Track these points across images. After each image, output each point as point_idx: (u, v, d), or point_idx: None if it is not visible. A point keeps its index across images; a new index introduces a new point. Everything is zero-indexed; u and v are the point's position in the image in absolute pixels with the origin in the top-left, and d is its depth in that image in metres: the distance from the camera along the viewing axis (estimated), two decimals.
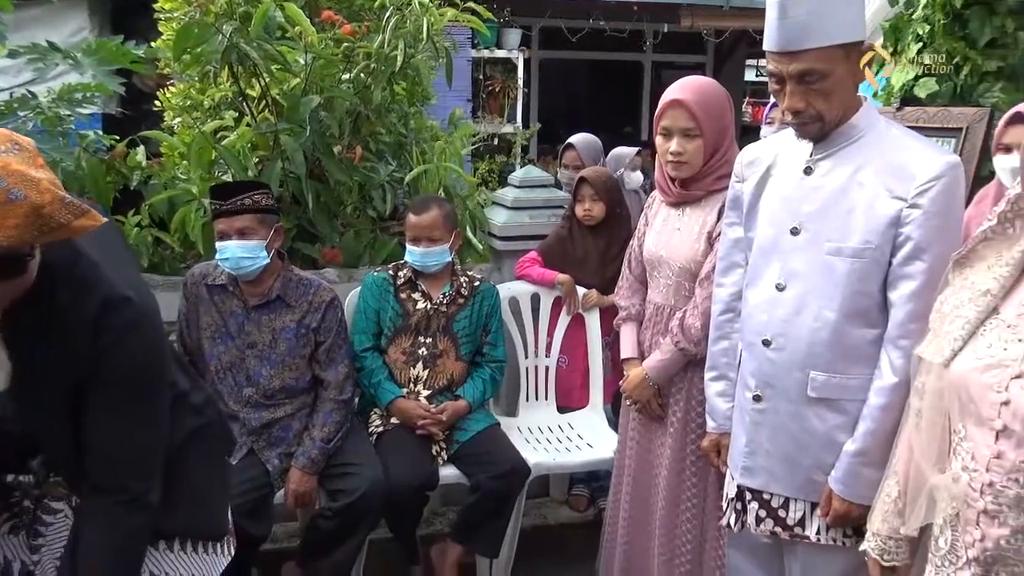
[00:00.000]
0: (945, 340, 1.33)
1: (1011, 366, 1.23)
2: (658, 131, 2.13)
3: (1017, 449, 1.21)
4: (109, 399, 1.26)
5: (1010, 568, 1.24)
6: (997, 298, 1.29)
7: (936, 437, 1.37)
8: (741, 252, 1.90)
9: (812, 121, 1.63)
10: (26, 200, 1.02)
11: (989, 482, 1.24)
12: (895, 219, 1.58)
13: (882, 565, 1.48)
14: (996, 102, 2.53)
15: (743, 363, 1.85)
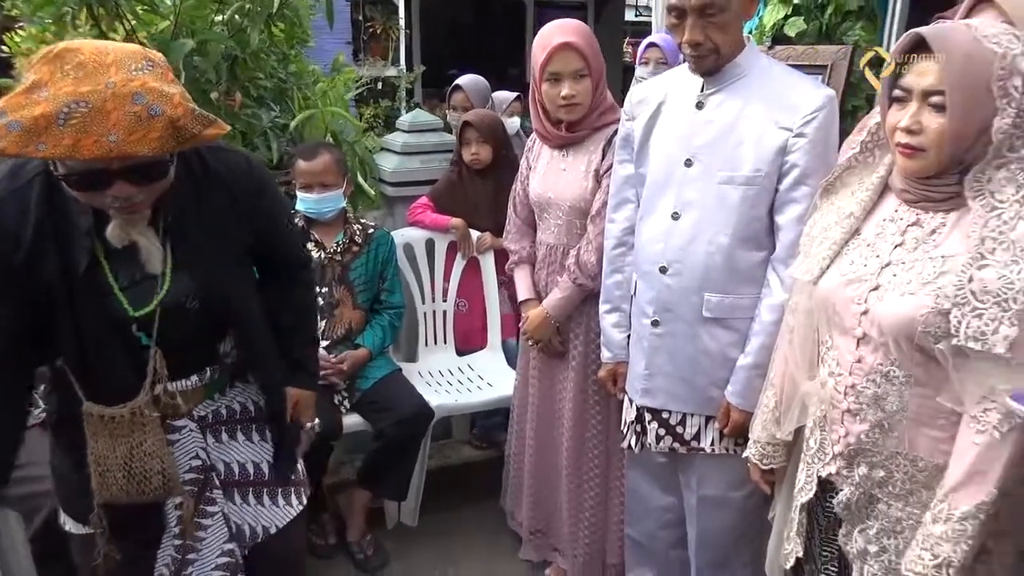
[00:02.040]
0: (814, 260, 1.45)
1: (869, 280, 1.37)
2: (543, 77, 2.12)
3: (874, 353, 1.36)
4: (276, 210, 1.60)
5: (868, 458, 1.40)
6: (859, 220, 1.42)
7: (807, 349, 1.50)
8: (632, 188, 1.97)
9: (709, 53, 1.70)
10: (164, 115, 1.13)
11: (851, 384, 1.40)
12: (782, 148, 1.69)
13: (762, 468, 1.63)
14: (857, 40, 2.69)
15: (639, 292, 1.94)
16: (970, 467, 1.25)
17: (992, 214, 1.23)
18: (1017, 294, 1.19)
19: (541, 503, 2.49)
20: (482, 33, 9.82)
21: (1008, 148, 1.23)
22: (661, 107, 1.86)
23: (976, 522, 1.25)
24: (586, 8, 9.78)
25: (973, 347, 1.21)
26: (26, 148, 1.08)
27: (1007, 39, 1.22)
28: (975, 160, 1.26)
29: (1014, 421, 1.22)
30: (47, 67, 1.12)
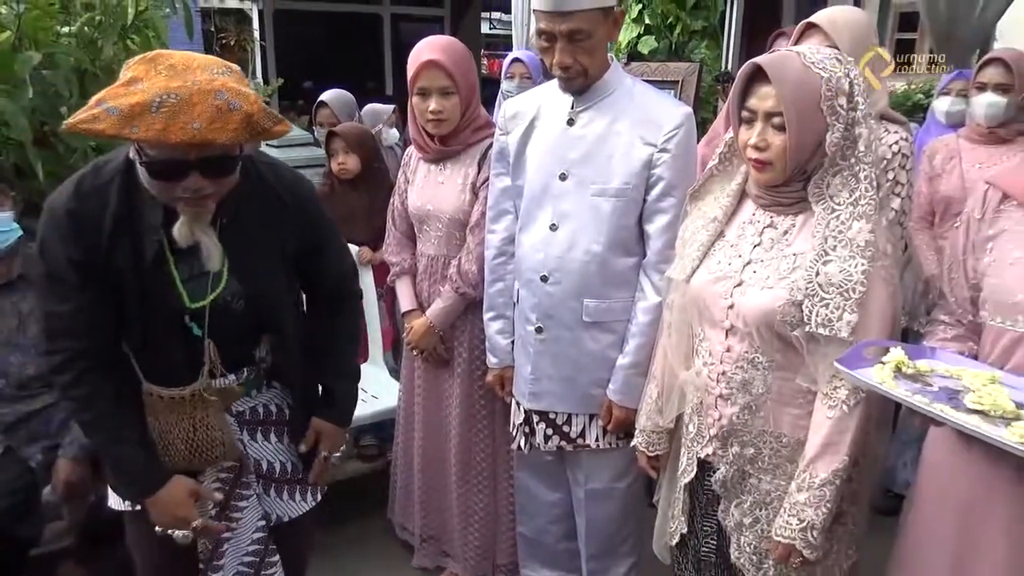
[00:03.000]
0: (686, 260, 1.60)
1: (733, 277, 1.52)
2: (414, 91, 2.19)
3: (741, 343, 1.51)
4: (325, 233, 1.68)
5: (740, 438, 1.56)
6: (722, 223, 1.58)
7: (683, 342, 1.65)
8: (510, 200, 2.06)
9: (578, 75, 1.82)
10: (241, 109, 1.27)
11: (722, 371, 1.54)
12: (648, 162, 1.83)
13: (648, 455, 1.77)
14: (703, 57, 2.93)
15: (522, 300, 2.03)
16: (825, 439, 1.42)
17: (832, 216, 1.41)
18: (856, 285, 1.37)
19: (431, 510, 2.52)
20: (339, 46, 9.69)
21: (840, 157, 1.42)
22: (534, 122, 1.96)
23: (833, 487, 1.42)
24: (442, 21, 9.88)
25: (822, 333, 1.39)
26: (122, 130, 1.23)
27: (831, 64, 1.40)
28: (815, 169, 1.44)
29: (859, 396, 1.40)
30: (143, 66, 1.28)
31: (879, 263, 1.40)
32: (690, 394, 1.63)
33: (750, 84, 1.45)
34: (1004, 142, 2.70)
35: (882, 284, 1.42)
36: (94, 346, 1.46)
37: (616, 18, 1.83)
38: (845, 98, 1.39)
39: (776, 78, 1.38)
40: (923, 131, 3.36)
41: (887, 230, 1.68)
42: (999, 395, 1.22)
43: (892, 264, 1.45)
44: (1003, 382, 1.27)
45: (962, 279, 1.44)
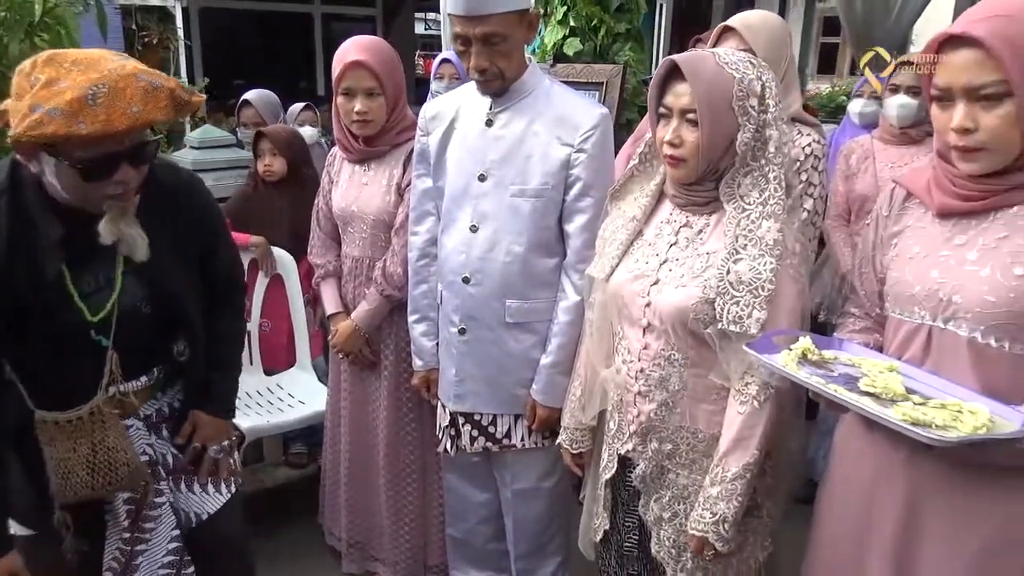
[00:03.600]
0: (606, 259, 1.62)
1: (650, 275, 1.54)
2: (339, 92, 2.17)
3: (658, 340, 1.54)
4: (220, 234, 1.71)
5: (658, 434, 1.58)
6: (641, 223, 1.61)
7: (604, 340, 1.67)
8: (431, 201, 2.05)
9: (495, 78, 1.82)
10: (164, 86, 1.32)
11: (640, 369, 1.57)
12: (566, 162, 1.84)
13: (572, 452, 1.79)
14: (627, 60, 2.97)
15: (445, 302, 2.02)
16: (736, 434, 1.46)
17: (743, 215, 1.45)
18: (765, 283, 1.41)
19: (360, 515, 2.49)
20: (268, 45, 9.54)
21: (751, 158, 1.46)
22: (454, 123, 1.96)
23: (744, 481, 1.46)
24: (375, 21, 9.80)
25: (733, 330, 1.42)
26: (71, 128, 1.23)
27: (744, 65, 1.44)
28: (727, 169, 1.48)
29: (769, 392, 1.44)
30: (49, 68, 1.28)
31: (787, 261, 1.44)
32: (611, 391, 1.65)
33: (667, 82, 1.48)
34: (915, 142, 2.81)
35: (790, 282, 1.46)
36: None
37: (531, 20, 1.84)
38: (756, 100, 1.43)
39: (691, 76, 1.41)
40: (839, 132, 3.48)
41: (799, 229, 1.74)
42: (892, 380, 1.27)
43: (800, 262, 1.48)
44: (900, 371, 1.32)
45: (871, 274, 1.48)
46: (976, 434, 1.13)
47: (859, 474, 1.45)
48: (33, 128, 1.22)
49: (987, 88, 1.18)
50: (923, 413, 1.17)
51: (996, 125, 1.19)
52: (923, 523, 1.34)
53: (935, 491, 1.32)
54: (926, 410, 1.19)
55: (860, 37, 5.28)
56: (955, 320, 1.27)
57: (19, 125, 1.23)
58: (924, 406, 1.21)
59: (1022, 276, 1.21)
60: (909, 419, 1.16)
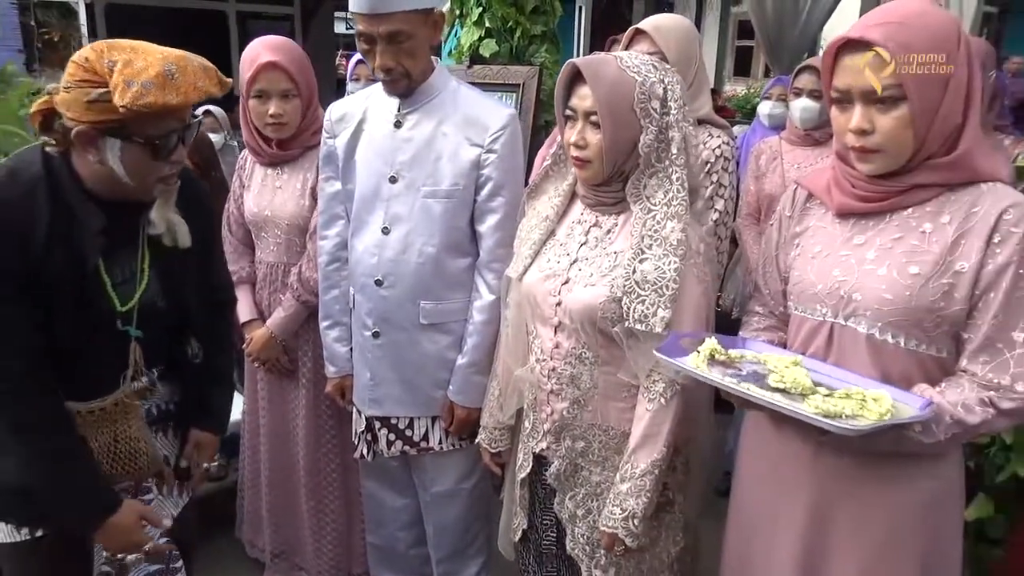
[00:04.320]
0: (519, 259, 1.64)
1: (561, 275, 1.56)
2: (251, 94, 2.12)
3: (569, 339, 1.55)
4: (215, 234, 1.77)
5: (571, 432, 1.60)
6: (554, 222, 1.63)
7: (519, 339, 1.68)
8: (341, 204, 2.02)
9: (401, 77, 1.80)
10: (210, 66, 1.39)
11: (553, 367, 1.58)
12: (476, 163, 1.84)
13: (491, 452, 1.80)
14: (543, 61, 2.98)
15: (358, 305, 1.99)
16: (644, 430, 1.49)
17: (648, 216, 1.47)
18: (669, 282, 1.44)
19: (282, 525, 2.44)
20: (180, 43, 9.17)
21: (655, 159, 1.48)
22: (362, 125, 1.93)
23: (653, 477, 1.49)
24: (292, 20, 9.59)
25: (639, 328, 1.45)
26: (166, 99, 1.30)
27: (646, 68, 1.47)
28: (632, 170, 1.50)
29: (675, 389, 1.47)
30: (116, 51, 1.32)
31: (691, 260, 1.47)
32: (526, 391, 1.66)
33: (572, 85, 1.49)
34: (819, 144, 2.91)
35: (694, 280, 1.49)
36: (35, 365, 1.39)
37: (436, 20, 1.82)
38: (659, 102, 1.45)
39: (591, 79, 1.43)
40: (750, 133, 3.59)
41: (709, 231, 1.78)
42: (799, 374, 1.31)
43: (704, 262, 1.51)
44: (804, 365, 1.36)
45: (775, 273, 1.52)
46: (884, 420, 1.18)
47: (767, 468, 1.49)
48: (138, 98, 1.27)
49: (883, 91, 1.22)
50: (833, 404, 1.21)
51: (892, 127, 1.24)
52: (829, 515, 1.39)
53: (839, 483, 1.37)
54: (835, 401, 1.22)
55: (772, 41, 5.46)
56: (855, 317, 1.32)
57: (124, 95, 1.27)
58: (832, 397, 1.24)
59: (917, 275, 1.26)
60: (821, 411, 1.19)
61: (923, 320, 1.27)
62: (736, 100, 9.47)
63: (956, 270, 1.24)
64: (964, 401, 1.24)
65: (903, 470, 1.33)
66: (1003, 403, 1.24)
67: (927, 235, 1.28)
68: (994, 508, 2.03)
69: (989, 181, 1.27)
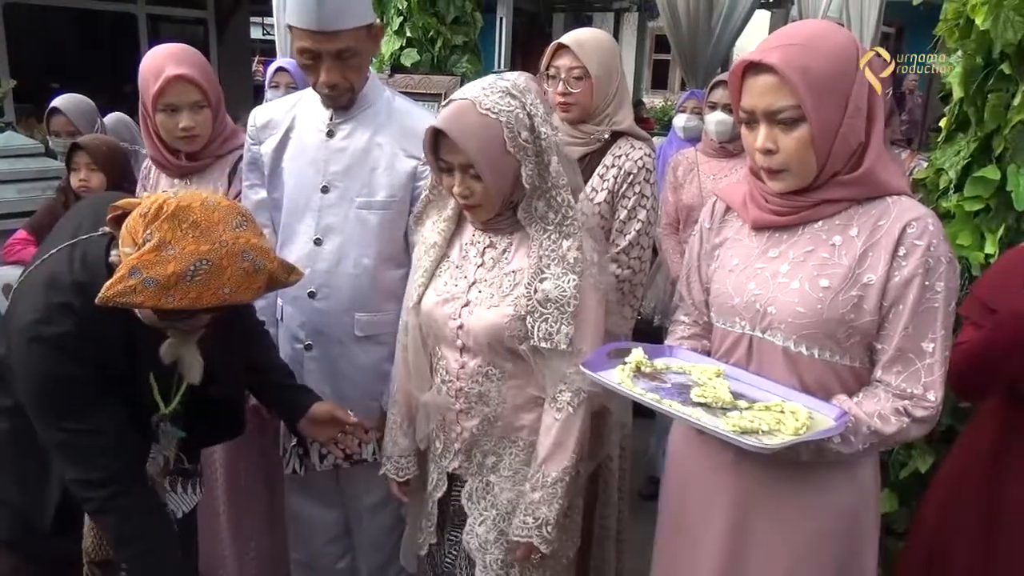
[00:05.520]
0: (413, 286, 1.65)
1: (460, 298, 1.57)
2: (157, 107, 2.02)
3: (475, 359, 1.57)
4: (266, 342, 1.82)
5: (482, 448, 1.62)
6: (443, 248, 1.64)
7: (421, 364, 1.67)
8: (266, 212, 1.97)
9: (346, 92, 1.79)
10: (265, 269, 1.32)
11: (459, 388, 1.59)
12: (412, 174, 1.83)
13: (398, 481, 1.75)
14: (465, 71, 3.00)
15: (288, 318, 1.95)
16: (554, 440, 1.52)
17: (544, 236, 1.51)
18: (570, 299, 1.48)
19: (202, 546, 2.35)
20: (89, 46, 8.87)
21: (539, 183, 1.51)
22: (290, 132, 1.90)
23: (563, 484, 1.52)
24: (206, 24, 9.33)
25: (544, 346, 1.49)
26: (159, 302, 1.23)
27: (504, 103, 1.45)
28: (521, 197, 1.53)
29: (582, 397, 1.52)
30: (167, 225, 1.26)
31: (587, 272, 1.52)
32: (434, 413, 1.66)
33: (438, 139, 1.50)
34: (733, 156, 3.01)
35: (591, 290, 1.54)
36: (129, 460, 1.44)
37: (376, 33, 1.82)
38: (528, 132, 1.47)
39: (459, 136, 1.43)
40: (667, 144, 3.69)
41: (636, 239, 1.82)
42: (720, 388, 1.34)
43: (599, 271, 1.56)
44: (727, 374, 1.39)
45: (697, 283, 1.55)
46: (798, 436, 1.21)
47: (692, 475, 1.52)
48: (122, 295, 1.22)
49: (783, 112, 1.25)
50: (751, 420, 1.23)
51: (794, 147, 1.27)
52: (750, 522, 1.42)
53: (759, 490, 1.40)
54: (753, 415, 1.25)
55: (687, 56, 5.63)
56: (771, 330, 1.35)
57: (112, 287, 1.22)
58: (751, 411, 1.27)
59: (827, 288, 1.29)
60: (738, 428, 1.22)
61: (835, 332, 1.30)
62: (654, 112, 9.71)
63: (864, 282, 1.28)
64: (880, 411, 1.28)
65: (822, 477, 1.37)
66: (916, 411, 1.28)
67: (837, 248, 1.31)
68: (898, 502, 2.14)
69: (895, 195, 1.31)
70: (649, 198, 2.08)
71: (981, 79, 1.95)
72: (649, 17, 11.31)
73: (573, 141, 2.13)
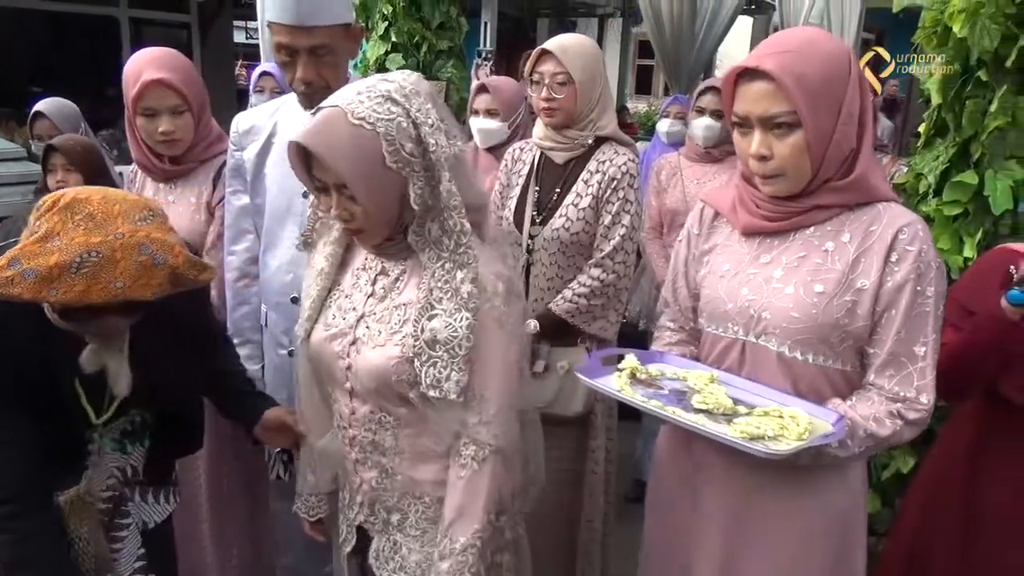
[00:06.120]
0: (303, 317, 1.45)
1: (348, 333, 1.36)
2: (137, 111, 2.03)
3: (365, 404, 1.36)
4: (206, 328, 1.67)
5: (385, 503, 1.41)
6: (331, 275, 1.43)
7: (314, 405, 1.52)
8: (249, 218, 1.97)
9: (321, 91, 1.75)
10: (166, 264, 1.24)
11: (353, 435, 1.40)
12: None
13: (310, 521, 1.61)
14: (450, 76, 3.01)
15: (272, 323, 1.94)
16: (459, 501, 1.30)
17: (437, 265, 1.27)
18: (461, 341, 1.24)
19: (183, 550, 2.34)
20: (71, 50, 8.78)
21: (432, 203, 1.26)
22: (272, 138, 1.90)
23: (474, 551, 1.29)
24: (189, 28, 9.28)
25: (433, 395, 1.26)
26: (39, 294, 1.17)
27: (382, 111, 1.21)
28: (411, 218, 1.29)
29: (487, 451, 1.28)
30: (58, 217, 1.21)
31: (487, 306, 1.28)
32: (334, 459, 1.49)
33: (308, 157, 1.26)
34: (717, 161, 3.04)
35: (495, 328, 1.29)
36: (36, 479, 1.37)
37: (355, 35, 1.82)
38: (412, 143, 1.22)
39: (327, 153, 1.20)
40: (650, 149, 3.72)
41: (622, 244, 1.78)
42: (719, 394, 1.33)
43: (504, 302, 1.30)
44: (720, 380, 1.39)
45: (684, 289, 1.53)
46: (804, 441, 1.20)
47: (681, 481, 1.50)
48: (2, 285, 1.16)
49: (779, 118, 1.26)
50: (755, 427, 1.23)
51: (789, 153, 1.27)
52: (743, 525, 1.42)
53: (753, 495, 1.40)
54: (756, 421, 1.25)
55: (670, 61, 5.68)
56: (766, 335, 1.35)
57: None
58: (751, 416, 1.27)
59: (822, 293, 1.30)
60: (746, 435, 1.20)
61: (829, 336, 1.30)
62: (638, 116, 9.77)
63: (858, 287, 1.29)
64: (875, 414, 1.29)
65: (815, 480, 1.37)
66: (910, 414, 1.29)
67: (829, 253, 1.32)
68: (880, 503, 2.16)
69: (885, 201, 1.32)
70: (633, 203, 2.10)
71: (959, 86, 1.99)
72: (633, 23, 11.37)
73: (557, 146, 2.15)
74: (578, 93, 2.05)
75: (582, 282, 2.09)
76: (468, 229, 1.27)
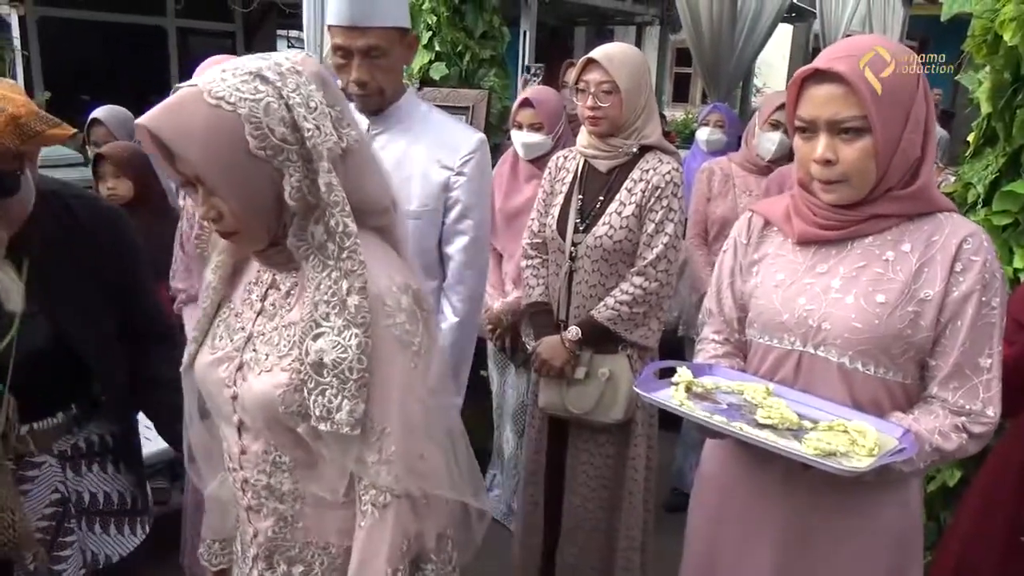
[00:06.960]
0: (189, 339, 1.25)
1: (235, 357, 1.15)
2: None
3: (256, 441, 1.16)
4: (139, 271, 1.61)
5: (285, 554, 1.21)
6: (221, 290, 1.23)
7: (204, 443, 1.30)
8: None
9: (375, 94, 1.81)
10: (5, 111, 1.24)
11: (245, 478, 1.19)
12: (445, 184, 1.86)
13: (213, 571, 1.40)
14: (492, 85, 3.04)
15: None
16: (361, 553, 1.11)
17: (323, 274, 1.06)
18: (353, 363, 1.04)
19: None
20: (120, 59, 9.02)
21: (313, 200, 1.06)
22: None
23: None
24: (234, 36, 9.49)
25: (324, 428, 1.05)
26: None
27: (247, 90, 1.01)
28: (291, 219, 1.08)
29: (391, 496, 1.09)
30: None
31: (387, 322, 1.08)
32: (226, 509, 1.31)
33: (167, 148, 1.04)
34: (767, 172, 2.99)
35: (395, 347, 1.09)
36: None
37: (411, 42, 1.85)
38: (286, 127, 1.02)
39: (172, 140, 1.00)
40: (690, 157, 3.71)
41: None
42: (783, 408, 1.30)
43: (409, 319, 1.10)
44: (775, 392, 1.35)
45: (730, 300, 1.48)
46: (873, 456, 1.17)
47: (731, 502, 1.48)
48: None
49: (848, 122, 1.22)
50: (827, 443, 1.19)
51: (856, 158, 1.24)
52: (800, 542, 1.39)
53: (810, 515, 1.37)
54: (828, 437, 1.21)
55: (709, 69, 5.65)
56: (825, 346, 1.31)
57: None
58: (818, 431, 1.24)
59: (884, 303, 1.27)
60: (820, 452, 1.17)
61: (891, 347, 1.28)
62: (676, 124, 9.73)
63: (921, 298, 1.27)
64: (940, 428, 1.27)
65: (873, 496, 1.35)
66: (975, 428, 1.27)
67: (890, 263, 1.29)
68: (926, 516, 2.13)
69: (945, 211, 1.30)
70: (677, 212, 2.10)
71: (1009, 95, 1.96)
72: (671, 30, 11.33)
73: (601, 154, 2.16)
74: (623, 102, 2.07)
75: (624, 290, 2.10)
76: (353, 230, 1.06)
